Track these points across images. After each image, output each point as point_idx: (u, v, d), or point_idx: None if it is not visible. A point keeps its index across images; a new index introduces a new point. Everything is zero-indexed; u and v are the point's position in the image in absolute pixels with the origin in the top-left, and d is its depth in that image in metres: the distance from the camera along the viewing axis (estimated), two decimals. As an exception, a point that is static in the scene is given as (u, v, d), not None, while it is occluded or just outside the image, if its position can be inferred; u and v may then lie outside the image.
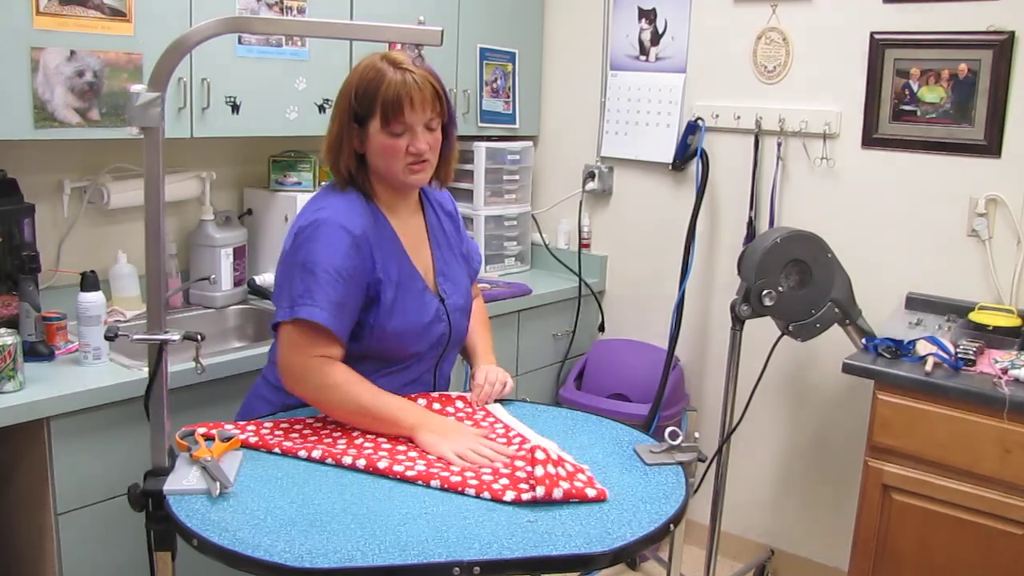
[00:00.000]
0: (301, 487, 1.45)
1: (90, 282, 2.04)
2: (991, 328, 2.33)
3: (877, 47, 2.62)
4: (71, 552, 1.95)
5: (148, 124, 1.40)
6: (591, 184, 3.28)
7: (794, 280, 2.40)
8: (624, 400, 3.03)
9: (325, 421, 1.70)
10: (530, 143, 3.35)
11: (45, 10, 1.98)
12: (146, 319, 1.48)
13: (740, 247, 2.79)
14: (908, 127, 2.61)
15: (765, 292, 2.35)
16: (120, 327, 1.47)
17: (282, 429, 1.66)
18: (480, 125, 3.15)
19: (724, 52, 2.94)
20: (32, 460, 1.92)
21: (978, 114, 2.49)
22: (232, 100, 2.38)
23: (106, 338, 1.48)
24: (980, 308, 2.42)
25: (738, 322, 2.46)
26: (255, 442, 1.58)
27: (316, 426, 1.68)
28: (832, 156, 2.75)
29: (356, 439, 1.63)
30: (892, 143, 2.65)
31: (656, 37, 3.09)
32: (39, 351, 2.03)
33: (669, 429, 1.61)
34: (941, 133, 2.55)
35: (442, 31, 1.52)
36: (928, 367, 2.16)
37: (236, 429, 1.62)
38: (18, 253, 2.04)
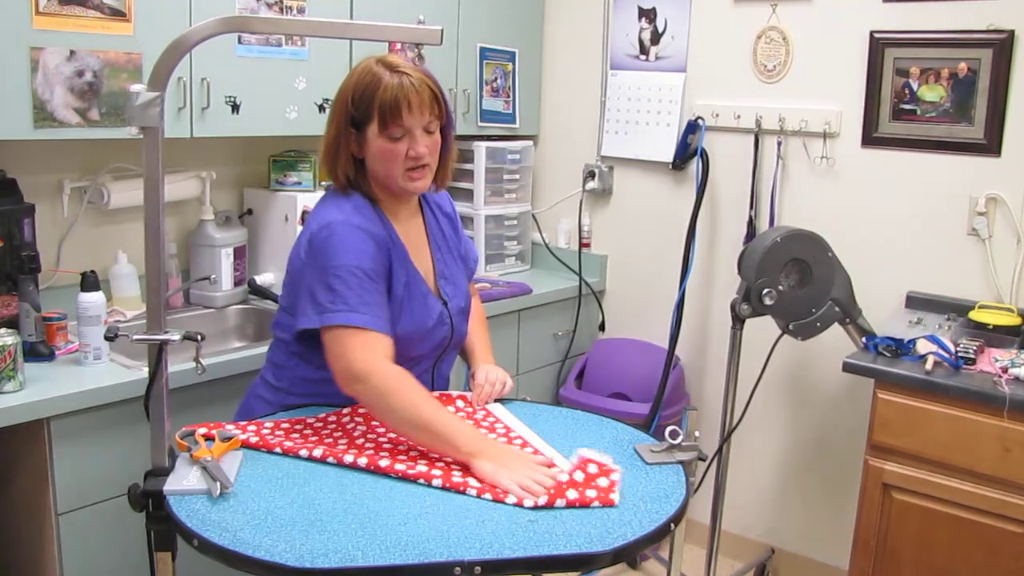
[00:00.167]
0: (302, 487, 1.44)
1: (90, 282, 2.04)
2: (991, 327, 2.33)
3: (877, 46, 2.62)
4: (71, 552, 1.94)
5: (148, 124, 1.40)
6: (591, 183, 3.27)
7: (794, 279, 2.40)
8: (624, 399, 3.03)
9: (326, 421, 1.70)
10: (530, 142, 3.35)
11: (44, 10, 1.98)
12: (146, 319, 1.48)
13: (740, 246, 2.79)
14: (908, 126, 2.61)
15: (765, 291, 2.35)
16: (120, 327, 1.47)
17: (283, 429, 1.66)
18: (480, 124, 3.15)
19: (724, 51, 2.94)
20: (32, 460, 1.92)
21: (978, 113, 2.49)
22: (232, 100, 2.38)
23: (106, 338, 1.48)
24: (980, 307, 2.42)
25: (738, 321, 2.46)
26: (256, 442, 1.58)
27: (317, 426, 1.68)
28: (832, 155, 2.75)
29: (357, 439, 1.62)
30: (892, 142, 2.65)
31: (656, 36, 3.09)
32: (39, 351, 2.03)
33: (669, 428, 1.61)
34: (941, 132, 2.55)
35: (442, 30, 1.51)
36: (928, 366, 2.16)
37: (237, 429, 1.62)
38: (18, 253, 2.04)
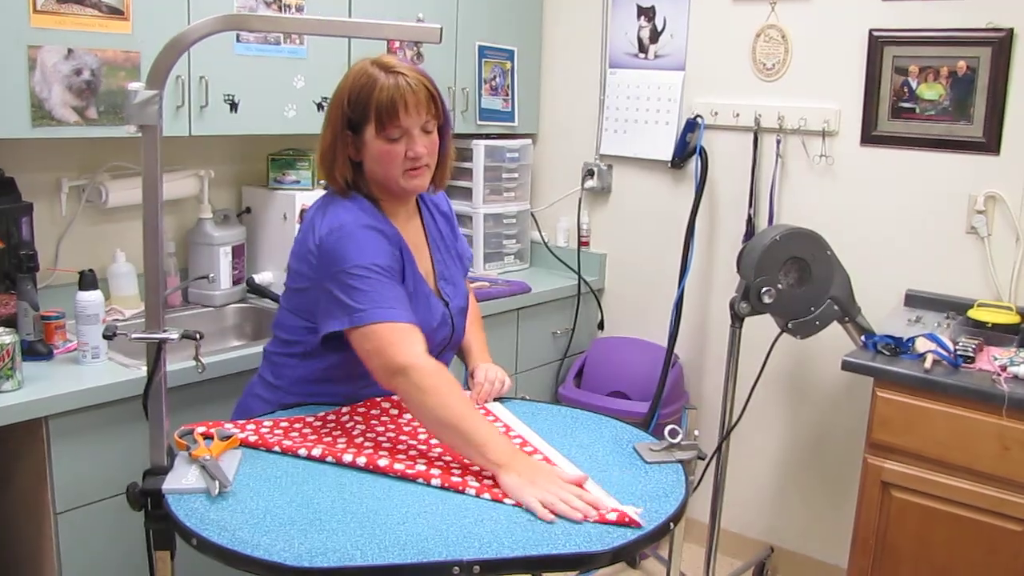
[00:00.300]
0: (300, 486, 1.44)
1: (88, 281, 2.04)
2: (990, 325, 2.33)
3: (876, 44, 2.62)
4: (70, 551, 1.94)
5: (146, 122, 1.40)
6: (590, 182, 3.27)
7: (793, 277, 2.40)
8: (624, 398, 3.02)
9: (325, 420, 1.70)
10: (529, 141, 3.34)
11: (42, 8, 1.98)
12: (144, 318, 1.48)
13: (739, 245, 2.79)
14: (907, 124, 2.61)
15: (764, 290, 2.35)
16: (119, 326, 1.47)
17: (282, 428, 1.65)
18: (479, 123, 3.14)
19: (723, 50, 2.93)
20: (31, 459, 1.92)
21: (977, 111, 2.49)
22: (230, 98, 2.38)
23: (104, 337, 1.48)
24: (979, 305, 2.42)
25: (737, 320, 2.46)
26: (254, 441, 1.58)
27: (316, 425, 1.68)
28: (831, 153, 2.75)
29: (356, 438, 1.62)
30: (891, 140, 2.64)
31: (655, 35, 3.09)
32: (37, 350, 2.03)
33: (669, 427, 1.61)
34: (940, 130, 2.55)
35: (441, 29, 1.51)
36: (927, 364, 2.16)
37: (235, 428, 1.62)
38: (16, 252, 2.04)
